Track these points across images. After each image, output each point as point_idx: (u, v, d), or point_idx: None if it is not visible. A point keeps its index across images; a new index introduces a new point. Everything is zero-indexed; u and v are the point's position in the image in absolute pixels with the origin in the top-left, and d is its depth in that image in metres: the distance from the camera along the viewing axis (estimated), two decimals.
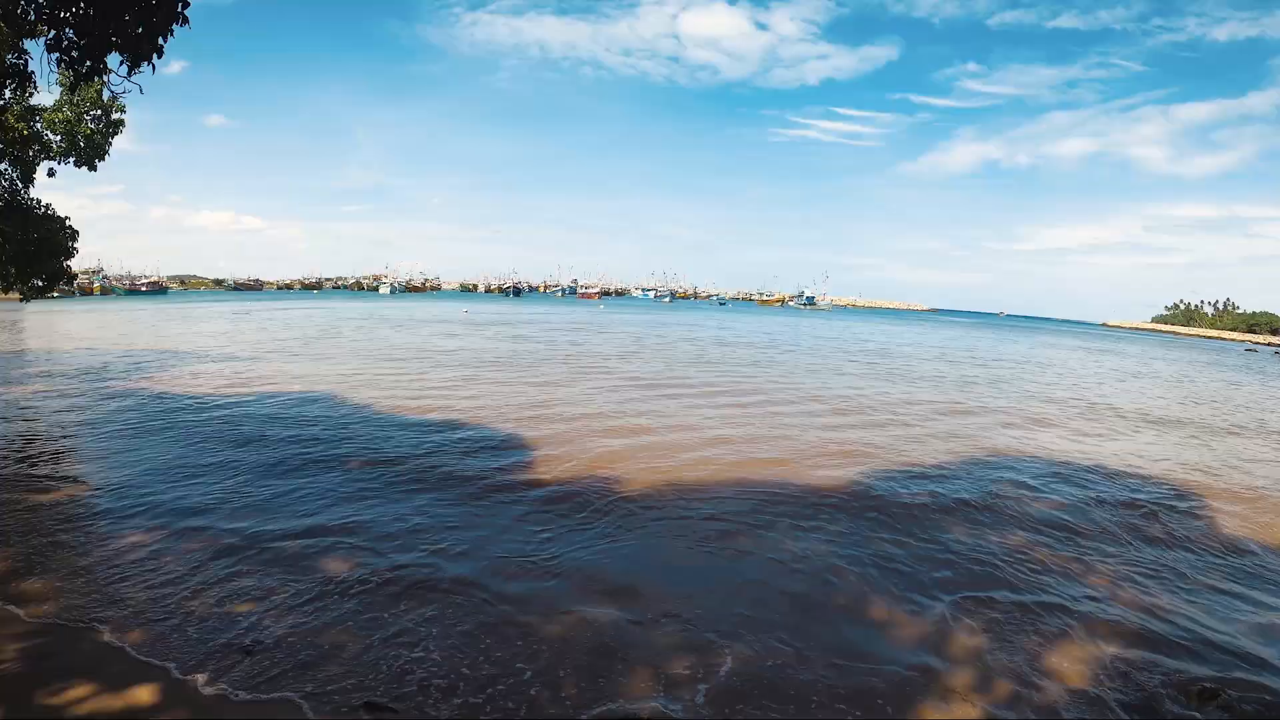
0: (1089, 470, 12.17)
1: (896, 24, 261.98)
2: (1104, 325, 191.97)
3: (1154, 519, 9.60)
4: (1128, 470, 12.42)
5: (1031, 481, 11.16)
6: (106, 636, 5.39)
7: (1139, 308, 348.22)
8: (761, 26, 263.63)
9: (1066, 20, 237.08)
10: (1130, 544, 8.60)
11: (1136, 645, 6.01)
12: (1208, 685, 5.32)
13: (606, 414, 15.07)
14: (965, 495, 10.08)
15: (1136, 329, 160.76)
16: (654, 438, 12.95)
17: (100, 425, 12.50)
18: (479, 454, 11.31)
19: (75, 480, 9.43)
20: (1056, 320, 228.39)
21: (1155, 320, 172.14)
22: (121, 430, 12.16)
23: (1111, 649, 5.91)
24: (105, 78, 6.39)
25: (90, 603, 5.91)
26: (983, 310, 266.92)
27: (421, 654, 5.30)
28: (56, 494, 8.82)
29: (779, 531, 8.28)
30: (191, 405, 14.63)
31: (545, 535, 7.89)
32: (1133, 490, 11.02)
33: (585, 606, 6.18)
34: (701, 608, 6.27)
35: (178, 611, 5.82)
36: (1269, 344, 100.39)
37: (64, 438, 11.74)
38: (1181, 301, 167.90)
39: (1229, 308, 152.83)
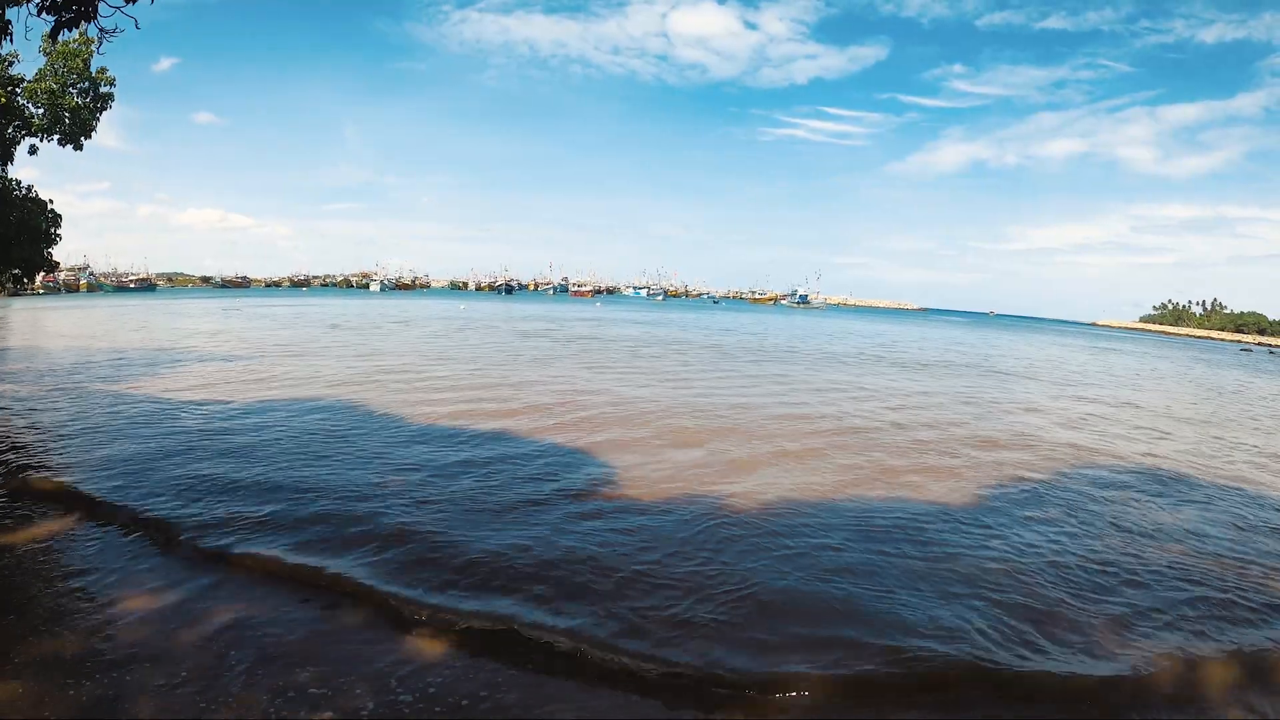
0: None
1: (885, 24, 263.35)
2: (1093, 325, 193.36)
3: None
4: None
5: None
6: None
7: (1127, 307, 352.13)
8: (751, 26, 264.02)
9: (1054, 21, 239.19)
10: None
11: None
12: None
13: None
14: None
15: (1126, 329, 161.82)
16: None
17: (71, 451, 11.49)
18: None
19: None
20: (1047, 320, 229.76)
21: (1143, 320, 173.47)
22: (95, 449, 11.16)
23: None
24: (94, 20, 5.53)
25: None
26: (973, 310, 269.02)
27: None
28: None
29: None
30: (189, 415, 13.65)
31: None
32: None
33: None
34: None
35: None
36: (1259, 344, 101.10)
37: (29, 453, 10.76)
38: (1170, 301, 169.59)
39: (1217, 308, 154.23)
